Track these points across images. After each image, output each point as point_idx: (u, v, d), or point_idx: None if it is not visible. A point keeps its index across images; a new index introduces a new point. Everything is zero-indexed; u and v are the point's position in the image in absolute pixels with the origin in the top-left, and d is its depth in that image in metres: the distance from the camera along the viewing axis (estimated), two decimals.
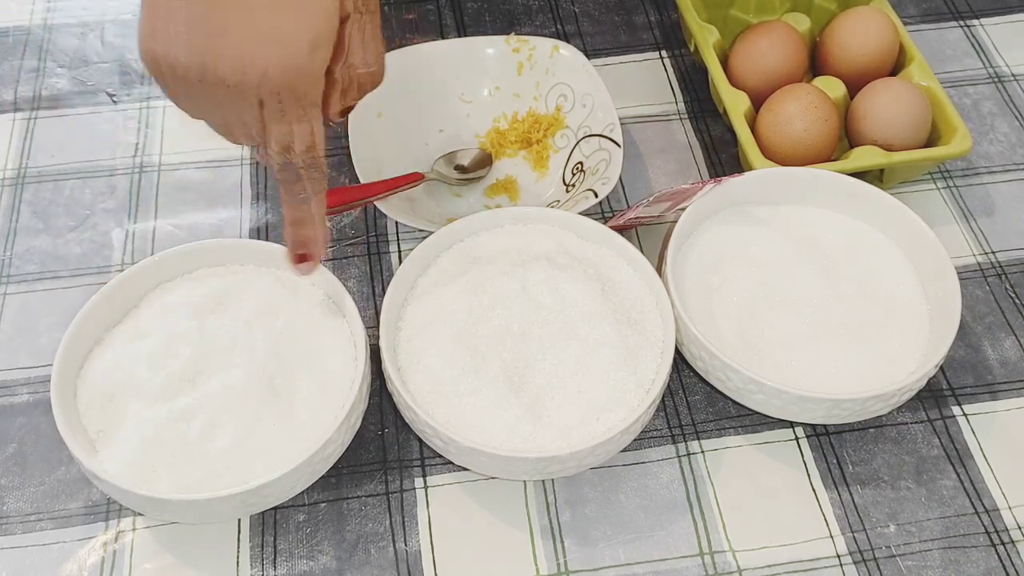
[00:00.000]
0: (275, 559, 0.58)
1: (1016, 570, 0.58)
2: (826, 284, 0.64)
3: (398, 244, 0.72)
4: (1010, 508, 0.60)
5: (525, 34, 0.79)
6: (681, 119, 0.80)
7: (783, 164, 0.69)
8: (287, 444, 0.57)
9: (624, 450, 0.61)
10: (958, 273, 0.62)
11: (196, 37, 0.46)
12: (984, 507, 0.60)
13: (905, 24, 0.78)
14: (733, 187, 0.66)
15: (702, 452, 0.62)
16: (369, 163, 0.71)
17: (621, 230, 0.66)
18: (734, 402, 0.64)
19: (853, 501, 0.60)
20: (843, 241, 0.67)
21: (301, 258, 0.58)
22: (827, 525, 0.60)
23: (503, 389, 0.58)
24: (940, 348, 0.59)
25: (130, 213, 0.74)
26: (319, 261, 0.58)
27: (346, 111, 0.53)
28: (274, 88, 0.47)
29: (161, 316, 0.61)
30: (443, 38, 0.84)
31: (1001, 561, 0.58)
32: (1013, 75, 0.83)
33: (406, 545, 0.59)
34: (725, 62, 0.77)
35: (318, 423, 0.57)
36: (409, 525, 0.60)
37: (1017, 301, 0.70)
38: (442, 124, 0.78)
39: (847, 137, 0.75)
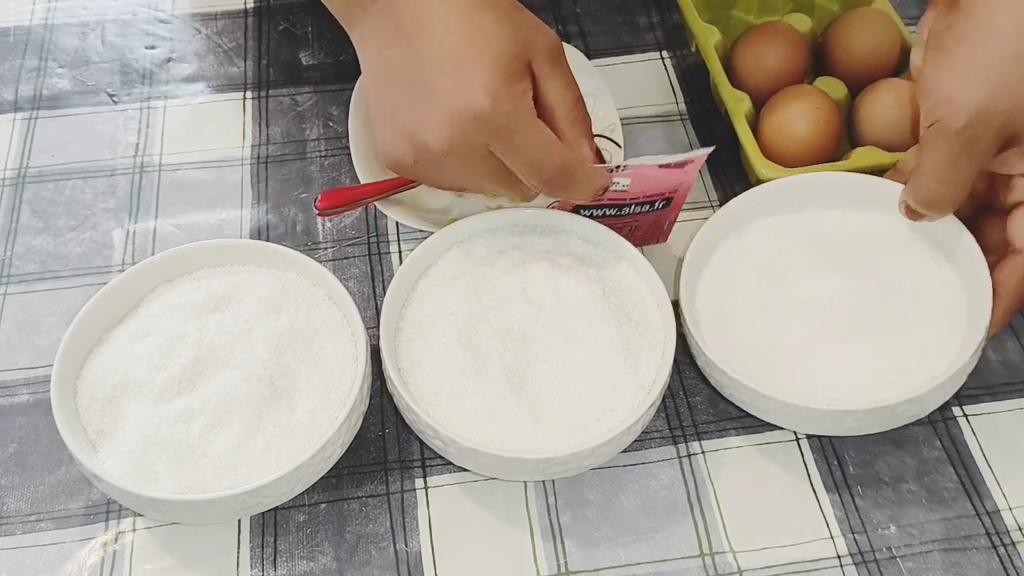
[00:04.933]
0: (275, 560, 0.58)
1: (1017, 572, 0.58)
2: (847, 288, 0.62)
3: (399, 244, 0.72)
4: (1011, 510, 0.60)
5: None
6: (683, 120, 0.80)
7: (785, 165, 0.69)
8: (287, 444, 0.57)
9: (625, 451, 0.61)
10: None
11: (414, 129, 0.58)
12: (985, 509, 0.60)
13: (907, 24, 0.78)
14: (751, 199, 0.66)
15: (703, 453, 0.62)
16: (369, 163, 0.71)
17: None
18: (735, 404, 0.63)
19: (854, 502, 0.60)
20: (869, 241, 0.64)
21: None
22: (828, 526, 0.59)
23: (504, 390, 0.58)
24: (974, 339, 0.58)
25: (130, 213, 0.74)
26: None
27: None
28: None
29: (161, 316, 0.61)
30: None
31: (1002, 563, 0.58)
32: None
33: (406, 546, 0.59)
34: (727, 63, 0.77)
35: (318, 423, 0.57)
36: (409, 526, 0.59)
37: None
38: None
39: (849, 138, 0.75)
